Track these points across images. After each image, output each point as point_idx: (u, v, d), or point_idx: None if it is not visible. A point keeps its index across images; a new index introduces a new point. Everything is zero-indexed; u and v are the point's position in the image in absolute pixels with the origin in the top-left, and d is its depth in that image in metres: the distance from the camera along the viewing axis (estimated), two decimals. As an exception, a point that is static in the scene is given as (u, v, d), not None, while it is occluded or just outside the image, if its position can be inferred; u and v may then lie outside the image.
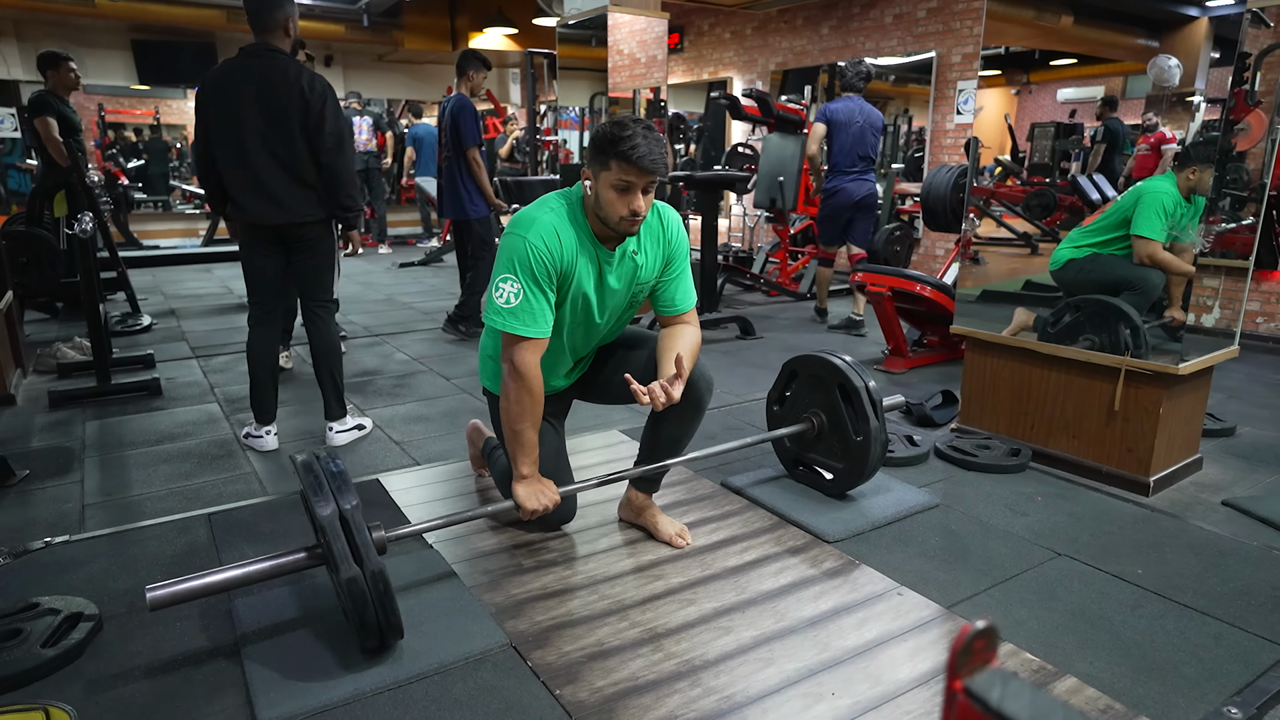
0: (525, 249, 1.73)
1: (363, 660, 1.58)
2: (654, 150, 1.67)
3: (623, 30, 5.35)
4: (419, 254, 8.13)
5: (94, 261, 3.28)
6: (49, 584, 1.89)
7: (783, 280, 6.09)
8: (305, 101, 2.54)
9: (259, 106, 2.53)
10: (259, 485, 2.51)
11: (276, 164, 2.58)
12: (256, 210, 2.61)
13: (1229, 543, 2.14)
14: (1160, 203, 2.55)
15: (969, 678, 0.54)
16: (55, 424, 3.06)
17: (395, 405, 3.34)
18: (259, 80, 2.52)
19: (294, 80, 2.53)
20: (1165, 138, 2.94)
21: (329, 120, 2.59)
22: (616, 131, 1.66)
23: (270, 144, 2.56)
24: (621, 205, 1.71)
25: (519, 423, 1.81)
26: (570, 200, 1.83)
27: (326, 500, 1.48)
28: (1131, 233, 2.62)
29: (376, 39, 9.72)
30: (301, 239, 2.69)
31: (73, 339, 4.09)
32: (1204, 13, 2.64)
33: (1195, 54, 2.61)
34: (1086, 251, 2.77)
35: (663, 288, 1.97)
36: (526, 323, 1.75)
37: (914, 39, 6.41)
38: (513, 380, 1.78)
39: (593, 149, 1.71)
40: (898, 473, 2.58)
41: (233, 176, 2.61)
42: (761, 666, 1.59)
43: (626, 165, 1.66)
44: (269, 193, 2.59)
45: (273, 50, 2.56)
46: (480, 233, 4.39)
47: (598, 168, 1.71)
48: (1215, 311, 3.02)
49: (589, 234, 1.82)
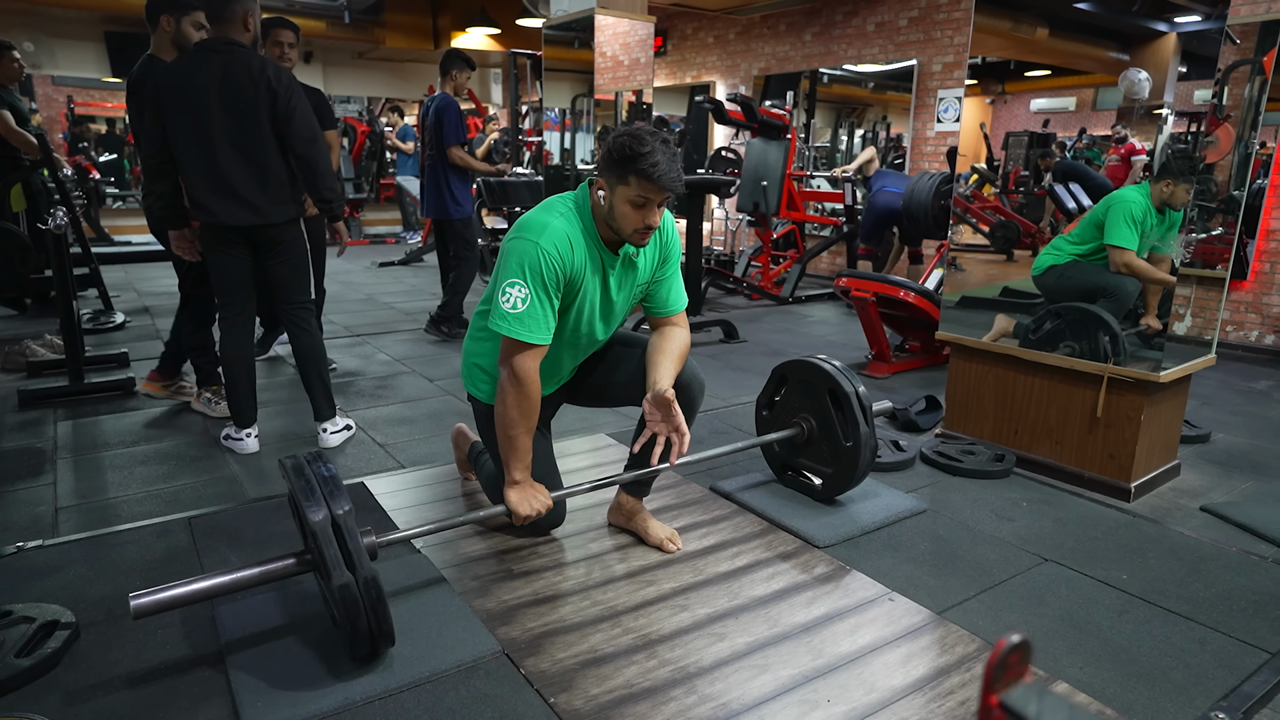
0: (537, 255, 1.71)
1: (353, 668, 1.54)
2: (674, 169, 1.66)
3: (607, 33, 5.34)
4: (399, 253, 8.04)
5: (67, 257, 3.20)
6: (22, 591, 1.83)
7: (765, 284, 6.11)
8: (273, 93, 2.44)
9: (222, 103, 2.42)
10: (239, 488, 2.46)
11: (244, 161, 2.48)
12: (224, 211, 2.50)
13: (1209, 548, 2.18)
14: (1129, 211, 2.61)
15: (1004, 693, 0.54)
16: (25, 424, 2.97)
17: (378, 407, 3.30)
18: (221, 75, 2.41)
19: (258, 73, 2.43)
20: (1135, 149, 3.00)
21: (299, 109, 2.49)
22: (637, 148, 1.64)
23: (236, 140, 2.46)
24: (637, 219, 1.71)
25: (514, 428, 1.79)
26: (578, 205, 1.81)
27: (319, 505, 1.44)
28: (1105, 242, 2.67)
29: (357, 36, 9.60)
30: (272, 241, 2.60)
31: (43, 336, 3.99)
32: (1173, 28, 2.70)
33: (1164, 68, 2.67)
34: (1067, 258, 2.82)
35: (655, 288, 1.97)
36: (531, 329, 1.73)
37: (895, 47, 6.47)
38: (511, 386, 1.76)
39: (610, 162, 1.69)
40: (885, 478, 2.59)
41: (195, 178, 2.48)
42: (757, 673, 1.58)
43: (647, 183, 1.65)
44: (236, 193, 2.49)
45: (232, 44, 2.46)
46: (463, 232, 4.35)
47: (615, 181, 1.69)
48: (1187, 319, 3.08)
49: (596, 240, 1.81)
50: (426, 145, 4.35)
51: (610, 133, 1.71)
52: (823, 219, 6.85)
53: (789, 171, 5.86)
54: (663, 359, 1.87)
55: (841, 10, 6.83)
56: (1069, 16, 3.06)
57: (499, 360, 1.80)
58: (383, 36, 9.58)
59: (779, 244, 6.68)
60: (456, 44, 9.31)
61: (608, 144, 1.69)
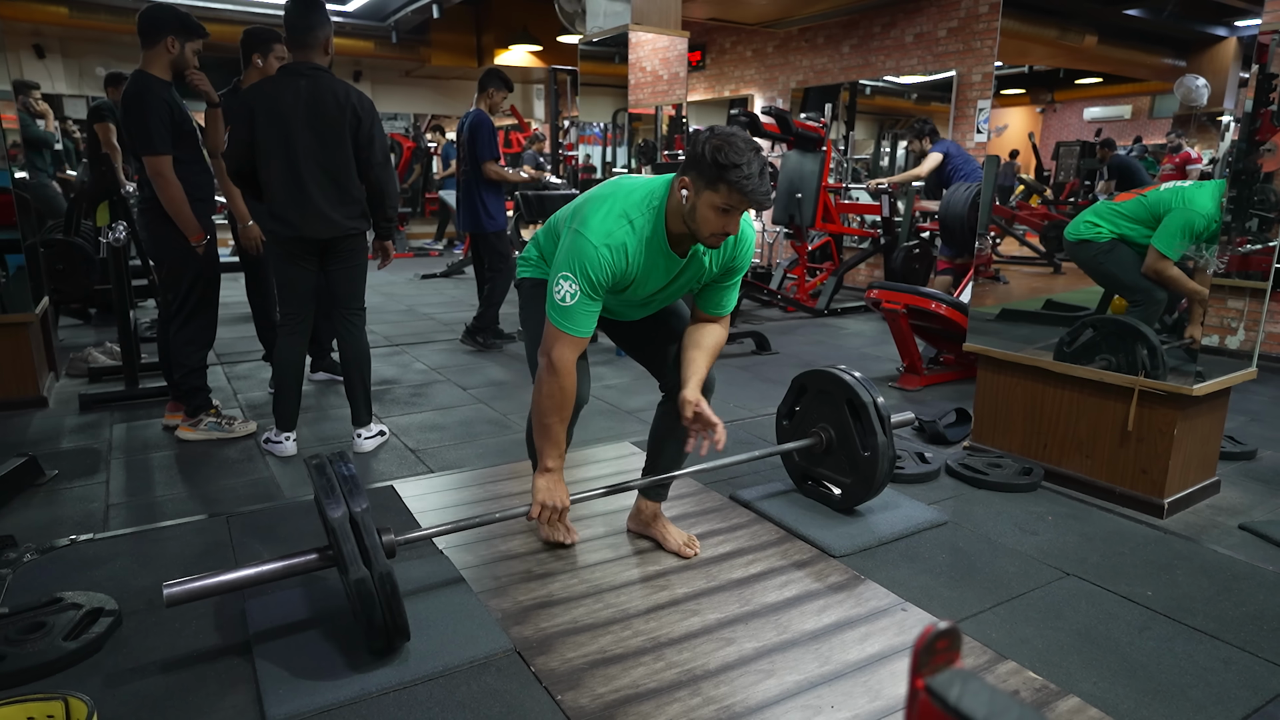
0: (594, 256, 1.72)
1: (370, 661, 1.61)
2: (765, 183, 1.65)
3: (645, 48, 5.44)
4: (441, 265, 8.24)
5: (126, 269, 3.38)
6: (73, 580, 1.95)
7: (800, 296, 6.09)
8: (357, 118, 2.61)
9: (309, 124, 2.58)
10: (277, 489, 2.57)
11: (328, 180, 2.64)
12: (305, 225, 2.64)
13: (1243, 566, 2.12)
14: (1191, 224, 2.48)
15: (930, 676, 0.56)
16: (84, 426, 3.15)
17: (412, 414, 3.40)
18: (308, 97, 2.57)
19: (344, 98, 2.60)
20: (1190, 158, 2.92)
21: (378, 136, 2.68)
22: (733, 157, 1.61)
23: (322, 161, 2.62)
24: (718, 224, 1.69)
25: (549, 416, 1.83)
26: (655, 206, 1.77)
27: (338, 503, 1.52)
28: (1153, 243, 2.57)
29: (404, 55, 9.93)
30: (341, 249, 2.75)
31: (103, 344, 4.21)
32: (1232, 33, 2.63)
33: (1224, 74, 2.61)
34: (1109, 236, 2.68)
35: (712, 290, 1.97)
36: (575, 323, 1.76)
37: (934, 58, 6.42)
38: (549, 375, 1.80)
39: (700, 164, 1.65)
40: (908, 489, 2.58)
41: (279, 192, 2.63)
42: (762, 678, 1.60)
43: (738, 195, 1.63)
44: (318, 209, 2.64)
45: (316, 68, 2.62)
46: (496, 245, 4.45)
47: (702, 184, 1.66)
48: (1240, 333, 2.99)
49: (663, 241, 1.78)
50: (461, 160, 4.48)
51: (702, 134, 1.67)
52: (860, 231, 6.80)
53: (824, 184, 5.85)
54: (697, 355, 1.90)
55: (879, 22, 6.81)
56: (1118, 23, 2.99)
57: (540, 350, 1.84)
58: (428, 55, 9.88)
59: (815, 256, 6.65)
60: (499, 61, 9.55)
61: (700, 145, 1.65)
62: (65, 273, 4.64)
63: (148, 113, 2.62)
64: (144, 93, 2.64)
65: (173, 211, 2.72)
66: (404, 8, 8.85)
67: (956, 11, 6.20)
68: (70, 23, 8.10)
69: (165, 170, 2.67)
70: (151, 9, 2.73)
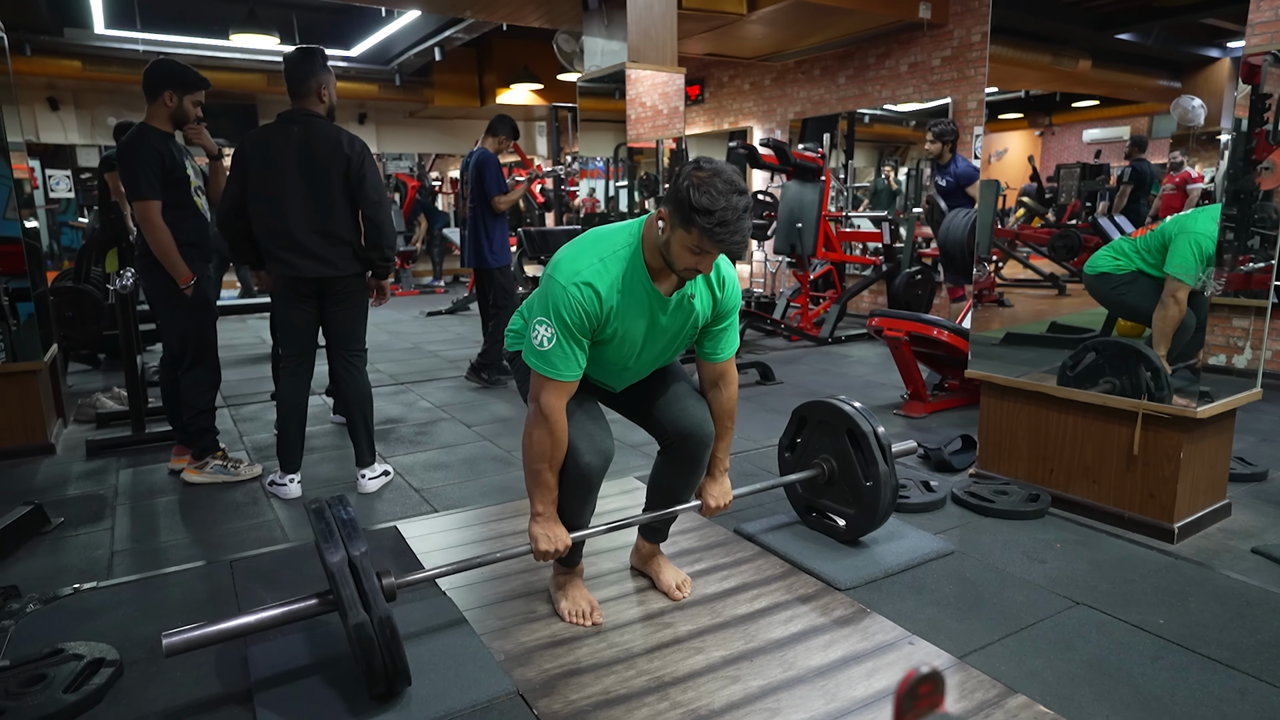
0: (563, 296, 1.71)
1: (371, 707, 1.60)
2: (740, 231, 1.60)
3: (643, 84, 5.53)
4: (446, 303, 8.30)
5: (133, 315, 3.43)
6: (75, 630, 1.94)
7: (804, 325, 6.11)
8: (347, 159, 2.68)
9: (300, 170, 2.66)
10: (280, 532, 2.57)
11: (315, 225, 2.70)
12: (298, 264, 2.71)
13: (1257, 592, 2.08)
14: (1199, 245, 2.49)
15: (913, 724, 0.56)
16: (91, 472, 3.17)
17: (416, 453, 3.40)
18: (299, 144, 2.66)
19: (334, 141, 2.67)
20: (1190, 177, 2.93)
21: (369, 175, 2.73)
22: (707, 202, 1.57)
23: (309, 206, 2.69)
24: (691, 261, 1.68)
25: (538, 463, 1.82)
26: (631, 243, 1.77)
27: (336, 547, 1.52)
28: (1167, 270, 2.58)
29: (408, 97, 10.13)
30: (338, 291, 2.80)
31: (111, 389, 4.25)
32: (1226, 54, 2.66)
33: (1219, 94, 2.63)
34: (1129, 269, 2.69)
35: (709, 337, 1.96)
36: (556, 367, 1.75)
37: (929, 86, 6.50)
38: (536, 421, 1.80)
39: (678, 203, 1.62)
40: (913, 519, 2.55)
41: (272, 237, 2.72)
42: (768, 716, 1.58)
43: (710, 242, 1.61)
44: (308, 250, 2.71)
45: (309, 115, 2.71)
46: (501, 281, 4.49)
47: (677, 221, 1.63)
48: (1246, 352, 2.97)
49: (644, 277, 1.76)
50: (467, 198, 4.54)
51: (686, 167, 1.64)
52: (862, 259, 6.83)
53: (824, 212, 5.89)
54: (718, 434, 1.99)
55: (874, 53, 6.92)
56: (1111, 48, 3.03)
57: (529, 396, 1.83)
58: (432, 96, 10.06)
59: (817, 285, 6.68)
60: (501, 100, 9.72)
61: (680, 180, 1.63)
62: (75, 319, 4.70)
63: (136, 160, 2.72)
64: (136, 142, 2.75)
65: (160, 254, 2.79)
66: (407, 51, 9.05)
67: (950, 41, 6.29)
68: (84, 75, 8.32)
69: (152, 215, 2.75)
70: (153, 65, 2.82)
